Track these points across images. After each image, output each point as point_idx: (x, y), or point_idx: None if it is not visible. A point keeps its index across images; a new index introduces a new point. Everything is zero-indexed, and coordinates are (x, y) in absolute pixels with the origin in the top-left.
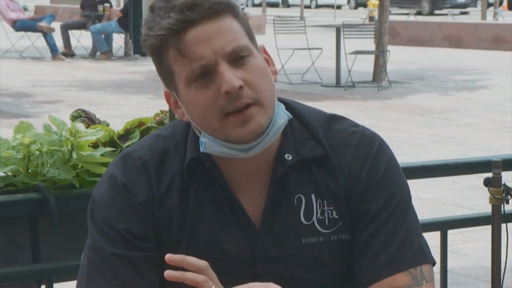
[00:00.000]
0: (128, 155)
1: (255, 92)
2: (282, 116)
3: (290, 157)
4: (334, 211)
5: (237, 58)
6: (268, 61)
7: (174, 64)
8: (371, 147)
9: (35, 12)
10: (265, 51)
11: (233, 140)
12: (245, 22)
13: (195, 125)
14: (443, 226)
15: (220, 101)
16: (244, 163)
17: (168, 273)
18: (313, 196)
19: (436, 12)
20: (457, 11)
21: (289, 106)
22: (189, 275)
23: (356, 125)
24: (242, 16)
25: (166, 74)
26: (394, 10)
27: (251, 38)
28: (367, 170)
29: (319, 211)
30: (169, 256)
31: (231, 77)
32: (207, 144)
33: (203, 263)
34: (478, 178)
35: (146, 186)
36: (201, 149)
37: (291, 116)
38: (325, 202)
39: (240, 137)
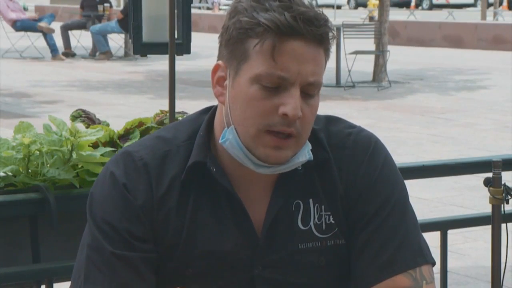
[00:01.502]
0: (129, 155)
1: (302, 128)
2: (305, 155)
3: (300, 167)
4: (331, 216)
5: (308, 92)
6: None
7: (257, 56)
8: (366, 148)
9: (37, 14)
10: None
11: (255, 155)
12: (327, 60)
13: (230, 115)
14: (443, 226)
15: (273, 116)
16: (250, 171)
17: None
18: (311, 201)
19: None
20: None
21: None
22: None
23: (352, 126)
24: (329, 54)
25: (236, 52)
26: None
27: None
28: (363, 171)
29: (316, 216)
30: None
31: (297, 104)
32: (229, 141)
33: None
34: (478, 178)
35: (146, 188)
36: (221, 141)
37: (312, 159)
38: (322, 207)
39: (265, 157)
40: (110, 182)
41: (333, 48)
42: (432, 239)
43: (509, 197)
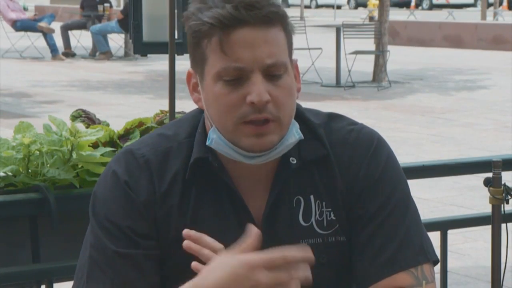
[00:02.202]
0: (131, 153)
1: (278, 110)
2: (294, 135)
3: (295, 161)
4: (332, 212)
5: (272, 75)
6: (297, 77)
7: (211, 54)
8: (369, 145)
9: (35, 14)
10: (296, 67)
11: (241, 147)
12: (291, 36)
13: (208, 117)
14: (443, 226)
15: (243, 107)
16: (247, 167)
17: (187, 244)
18: (312, 197)
19: None
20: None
21: None
22: (205, 251)
23: (354, 123)
24: (290, 29)
25: (197, 57)
26: None
27: (290, 53)
28: (365, 168)
29: (317, 213)
30: (187, 231)
31: (261, 89)
32: (215, 140)
33: (218, 245)
34: (478, 178)
35: (147, 185)
36: (207, 143)
37: (302, 137)
38: (323, 203)
39: (250, 147)
40: (112, 181)
41: (333, 48)
42: (432, 239)
43: (509, 197)
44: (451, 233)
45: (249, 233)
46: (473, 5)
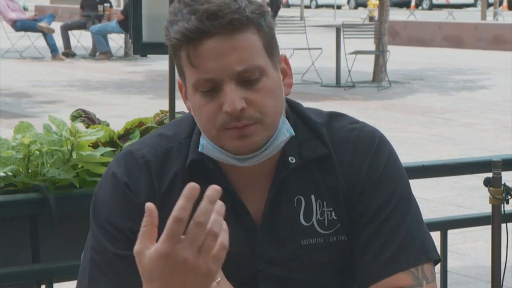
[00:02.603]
0: (130, 153)
1: (258, 112)
2: (284, 134)
3: (294, 160)
4: (333, 212)
5: (246, 79)
6: (287, 72)
7: (185, 67)
8: (370, 143)
9: (35, 14)
10: (285, 61)
11: (228, 151)
12: (267, 34)
13: (197, 123)
14: (443, 226)
15: (221, 116)
16: (245, 168)
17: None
18: (313, 197)
19: None
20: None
21: (293, 107)
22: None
23: (355, 121)
24: (266, 28)
25: (179, 70)
26: None
27: (270, 53)
28: (367, 167)
29: (318, 212)
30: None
31: (234, 98)
32: (205, 146)
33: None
34: (478, 178)
35: (147, 186)
36: (199, 149)
37: (293, 134)
38: (324, 203)
39: (235, 149)
40: (111, 182)
41: (333, 48)
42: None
43: (509, 197)
44: (451, 233)
45: (147, 214)
46: (473, 5)
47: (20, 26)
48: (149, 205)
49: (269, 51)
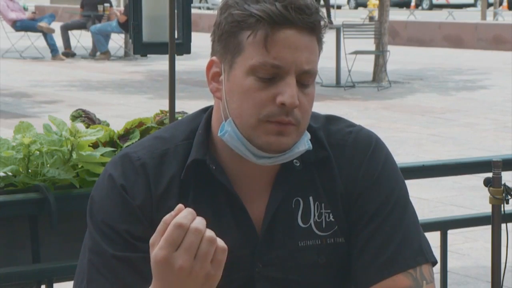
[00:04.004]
0: (127, 156)
1: (301, 116)
2: (304, 144)
3: (298, 163)
4: (331, 214)
5: (304, 81)
6: None
7: (251, 47)
8: (367, 147)
9: (34, 12)
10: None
11: (257, 143)
12: (321, 47)
13: (227, 108)
14: (443, 226)
15: (271, 107)
16: (250, 166)
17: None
18: (311, 198)
19: None
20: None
21: None
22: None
23: (352, 125)
24: (322, 43)
25: (230, 46)
26: None
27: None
28: (364, 170)
29: (316, 214)
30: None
31: (294, 93)
32: (228, 133)
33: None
34: (478, 178)
35: (144, 188)
36: (220, 134)
37: (311, 148)
38: (322, 205)
39: (267, 144)
40: (108, 185)
41: (333, 48)
42: (432, 239)
43: (509, 197)
44: (451, 233)
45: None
46: (473, 5)
47: (20, 26)
48: (179, 206)
49: (317, 64)
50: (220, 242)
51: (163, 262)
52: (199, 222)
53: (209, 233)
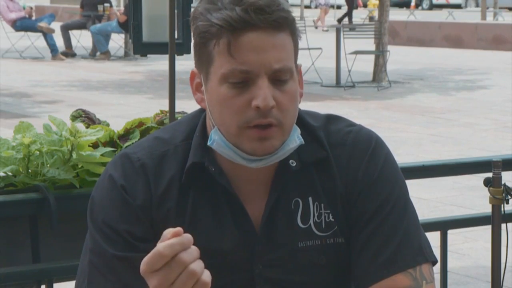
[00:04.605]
0: (127, 156)
1: (282, 115)
2: (295, 141)
3: (295, 164)
4: (330, 214)
5: (278, 80)
6: (300, 83)
7: (218, 56)
8: (367, 146)
9: (31, 8)
10: (300, 72)
11: (243, 150)
12: (297, 41)
13: (211, 118)
14: (443, 226)
15: (248, 112)
16: (246, 169)
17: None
18: (310, 199)
19: None
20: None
21: None
22: None
23: (352, 124)
24: (297, 35)
25: (203, 58)
26: None
27: (296, 59)
28: (363, 169)
29: (316, 215)
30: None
31: (267, 94)
32: (216, 142)
33: None
34: (478, 178)
35: (144, 188)
36: (209, 143)
37: (303, 142)
38: (322, 205)
39: (252, 151)
40: (108, 185)
41: (333, 48)
42: (432, 239)
43: (509, 197)
44: (451, 233)
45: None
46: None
47: (20, 26)
48: (178, 230)
49: (296, 57)
50: (204, 276)
51: (143, 274)
52: (188, 254)
53: (194, 266)
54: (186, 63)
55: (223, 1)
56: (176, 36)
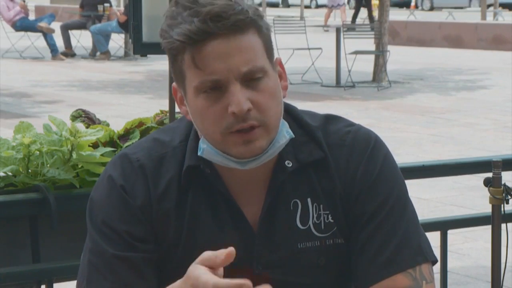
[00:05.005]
0: (126, 157)
1: (262, 115)
2: (284, 136)
3: (290, 164)
4: (329, 215)
5: (250, 79)
6: (282, 75)
7: (187, 70)
8: (365, 146)
9: (24, 1)
10: (280, 65)
11: (231, 156)
12: (267, 36)
13: (196, 128)
14: (443, 226)
15: (226, 119)
16: (242, 171)
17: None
18: (309, 200)
19: None
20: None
21: (288, 110)
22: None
23: (351, 124)
24: (265, 30)
25: (177, 73)
26: None
27: (269, 54)
28: (362, 169)
29: (315, 215)
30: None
31: (240, 98)
32: (205, 150)
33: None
34: (478, 178)
35: (143, 189)
36: (199, 153)
37: (293, 136)
38: (321, 206)
39: (239, 155)
40: (108, 185)
41: (333, 48)
42: (432, 239)
43: (509, 197)
44: (451, 233)
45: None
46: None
47: (20, 26)
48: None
49: (269, 53)
50: None
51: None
52: None
53: None
54: None
55: (183, 14)
56: None
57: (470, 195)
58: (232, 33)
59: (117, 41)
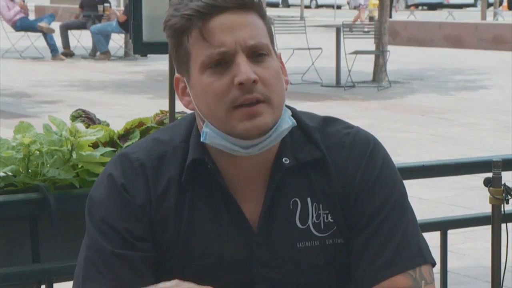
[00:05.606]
0: (126, 156)
1: (267, 90)
2: (287, 122)
3: (288, 161)
4: (329, 215)
5: (256, 54)
6: (283, 70)
7: (194, 47)
8: (365, 148)
9: (23, 0)
10: (280, 60)
11: (236, 134)
12: (269, 26)
13: (200, 114)
14: (443, 226)
15: (232, 91)
16: (243, 166)
17: None
18: (309, 199)
19: None
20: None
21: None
22: None
23: (350, 126)
24: (268, 20)
25: (181, 56)
26: None
27: (272, 42)
28: (362, 172)
29: (314, 215)
30: None
31: (247, 69)
32: (209, 134)
33: None
34: (478, 178)
35: (143, 188)
36: (202, 139)
37: (296, 124)
38: (320, 206)
39: (245, 131)
40: (108, 184)
41: (333, 48)
42: (432, 239)
43: (509, 197)
44: (451, 233)
45: None
46: (473, 5)
47: (20, 26)
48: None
49: (271, 40)
50: None
51: None
52: None
53: None
54: None
55: None
56: None
57: (470, 195)
58: (239, 9)
59: (117, 41)
